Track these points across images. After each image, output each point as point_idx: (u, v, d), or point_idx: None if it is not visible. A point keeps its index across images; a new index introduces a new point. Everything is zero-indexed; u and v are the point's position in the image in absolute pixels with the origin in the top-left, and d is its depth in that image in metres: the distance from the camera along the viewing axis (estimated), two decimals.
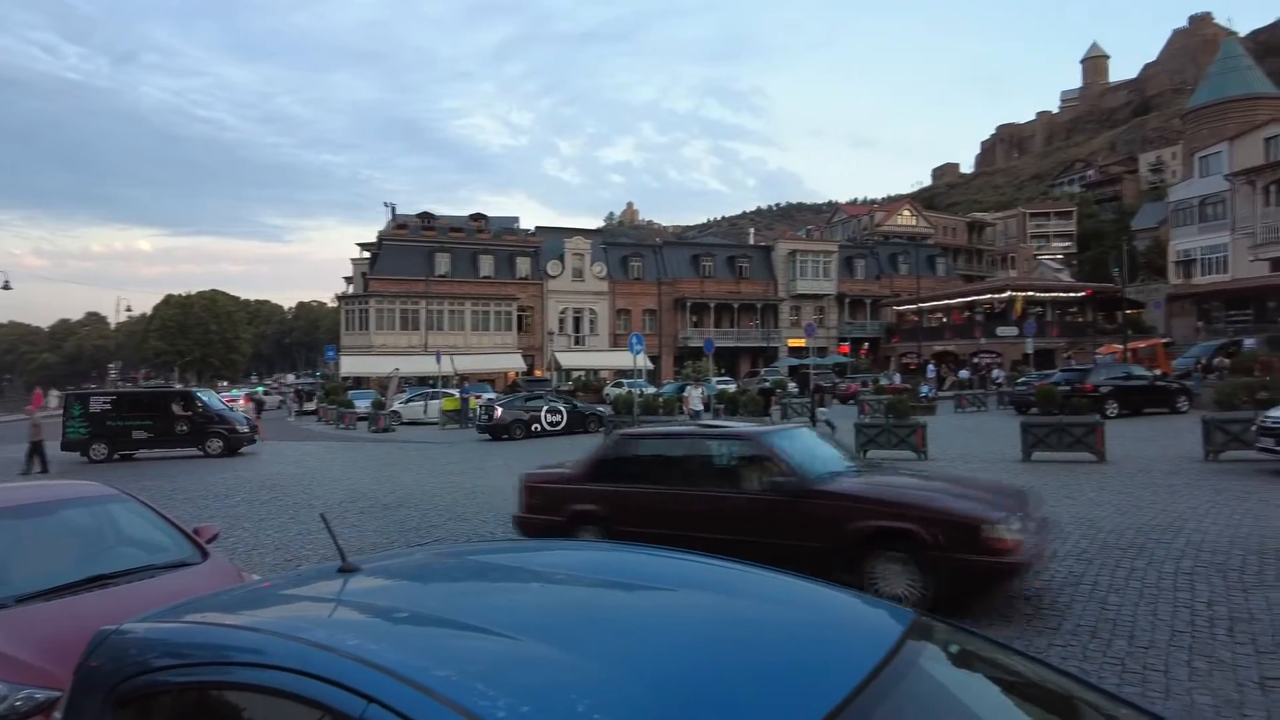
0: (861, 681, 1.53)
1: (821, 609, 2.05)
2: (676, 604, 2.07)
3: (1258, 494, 10.39)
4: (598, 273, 57.33)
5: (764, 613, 2.00)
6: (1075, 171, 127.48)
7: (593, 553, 2.83)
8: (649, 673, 1.50)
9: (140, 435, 21.60)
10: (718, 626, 1.89)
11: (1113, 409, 23.16)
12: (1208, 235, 49.44)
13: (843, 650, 1.75)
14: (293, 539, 10.08)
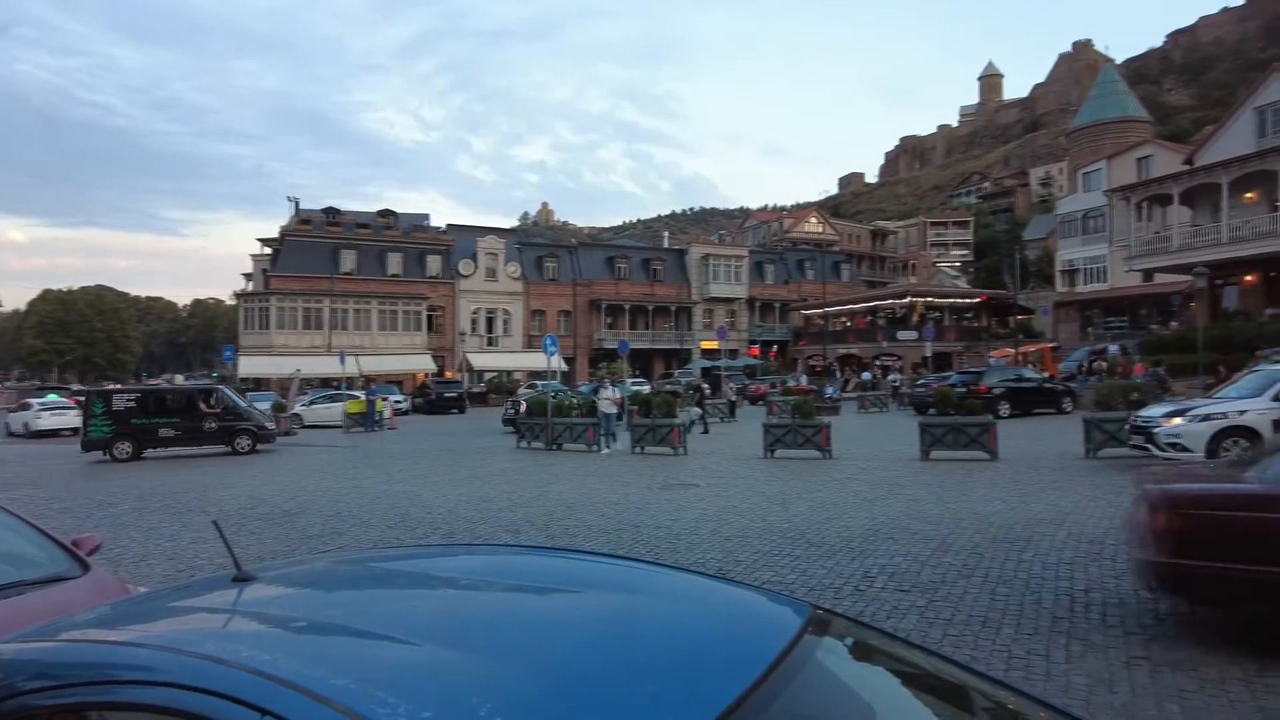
0: (760, 675, 1.57)
1: (723, 605, 2.10)
2: (582, 605, 2.08)
3: (1129, 489, 11.14)
4: (512, 273, 56.76)
5: (668, 610, 2.02)
6: (972, 183, 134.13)
7: (498, 556, 2.80)
8: (553, 674, 1.50)
9: (168, 434, 21.44)
10: (622, 626, 1.90)
11: (1005, 410, 24.47)
12: (1089, 246, 52.84)
13: (742, 644, 1.79)
14: (184, 549, 9.59)
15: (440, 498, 12.84)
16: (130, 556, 9.17)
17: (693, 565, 7.89)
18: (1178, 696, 4.38)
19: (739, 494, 12.20)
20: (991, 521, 9.29)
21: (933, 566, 7.40)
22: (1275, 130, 34.49)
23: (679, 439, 18.31)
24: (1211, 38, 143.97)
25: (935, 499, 11.07)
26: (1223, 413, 12.36)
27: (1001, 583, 6.78)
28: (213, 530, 8.76)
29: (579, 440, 19.99)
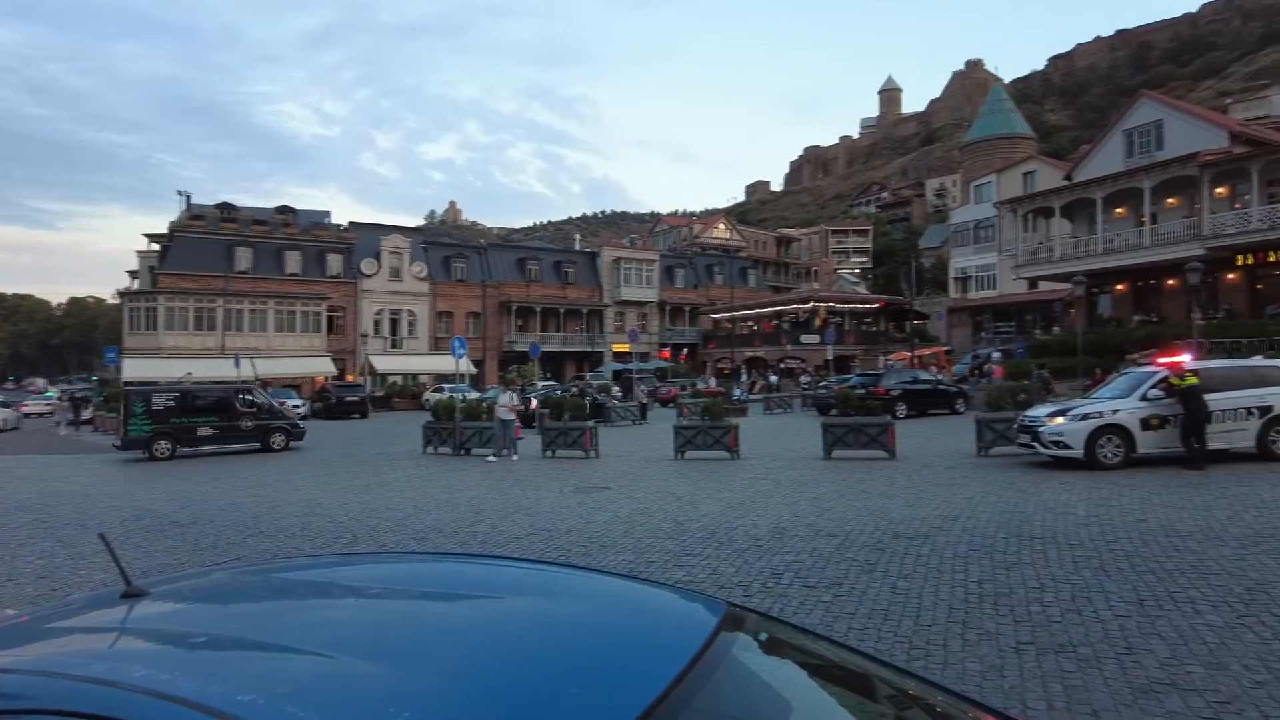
0: (679, 673, 1.59)
1: (640, 605, 2.11)
2: (498, 611, 2.05)
3: (1018, 484, 11.84)
4: (417, 273, 55.41)
5: (585, 613, 2.02)
6: (872, 193, 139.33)
7: (411, 563, 2.74)
8: (471, 682, 1.47)
9: (206, 432, 22.12)
10: (539, 630, 1.89)
11: (902, 410, 25.51)
12: (980, 255, 55.74)
13: (660, 644, 1.80)
14: (60, 565, 8.93)
15: (342, 505, 12.41)
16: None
17: (606, 567, 7.88)
18: (1060, 677, 4.66)
19: (650, 495, 12.28)
20: (891, 518, 9.67)
21: (837, 562, 7.64)
22: (1142, 151, 37.26)
23: (590, 442, 18.29)
24: (1087, 64, 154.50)
25: (838, 497, 11.44)
26: (1098, 412, 13.25)
27: (902, 577, 7.06)
28: (90, 547, 8.18)
29: (489, 445, 19.70)
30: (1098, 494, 10.69)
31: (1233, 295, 33.40)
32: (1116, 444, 12.97)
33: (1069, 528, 8.68)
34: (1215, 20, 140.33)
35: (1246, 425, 12.99)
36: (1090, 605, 5.98)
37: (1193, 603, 5.93)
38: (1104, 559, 7.29)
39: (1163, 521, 8.79)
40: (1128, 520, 8.94)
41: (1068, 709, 4.27)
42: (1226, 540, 7.80)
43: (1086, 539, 8.11)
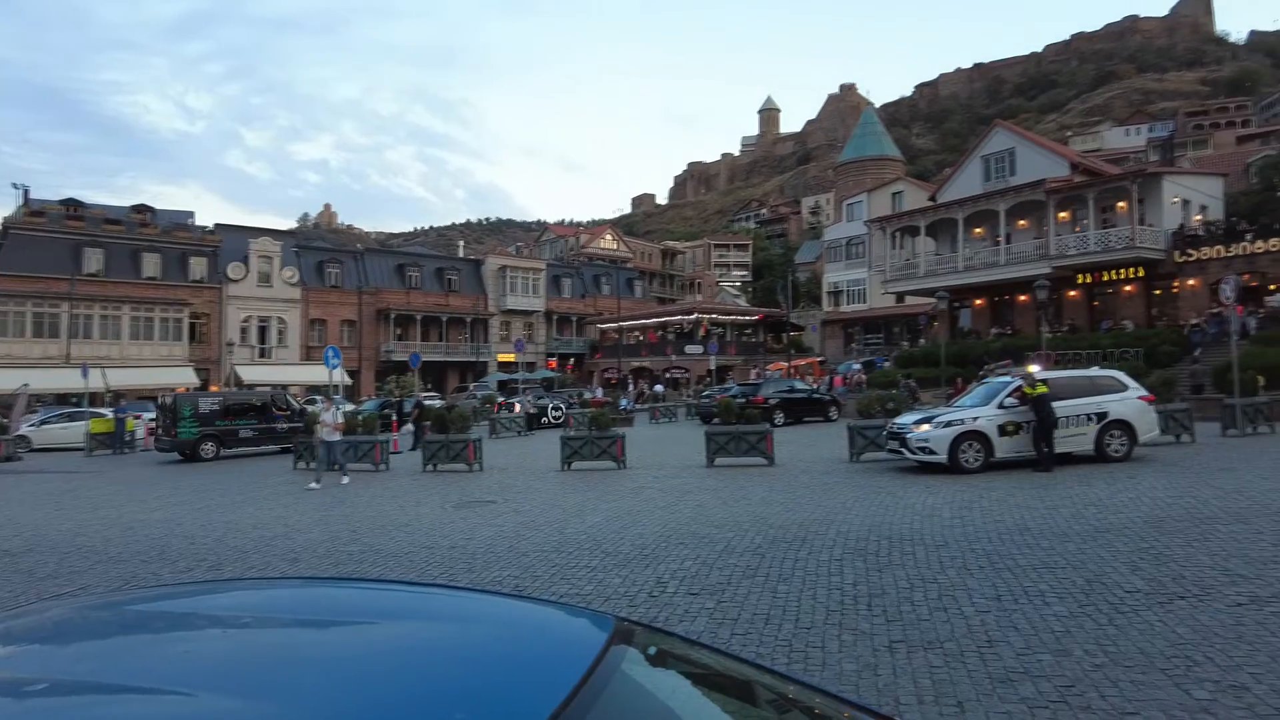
0: (570, 693, 1.56)
1: (527, 625, 2.07)
2: (373, 638, 1.97)
3: (888, 489, 12.45)
4: (289, 278, 52.74)
5: (468, 637, 1.97)
6: (752, 209, 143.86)
7: (280, 590, 2.59)
8: (349, 714, 1.40)
9: (247, 434, 24.14)
10: (420, 655, 1.82)
11: (780, 419, 26.37)
12: (852, 270, 58.47)
13: (550, 663, 1.77)
14: None
15: (205, 526, 11.62)
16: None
17: (490, 584, 7.73)
18: (928, 672, 4.92)
19: (536, 508, 12.15)
20: (771, 523, 9.95)
21: (720, 569, 7.79)
22: (997, 176, 40.18)
23: (474, 455, 17.92)
24: (949, 92, 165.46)
25: (721, 504, 11.68)
26: (960, 419, 14.14)
27: (781, 580, 7.27)
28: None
29: (365, 459, 18.96)
30: (961, 497, 11.39)
31: (1075, 311, 36.50)
32: (977, 449, 13.88)
33: (935, 529, 9.19)
34: (1056, 60, 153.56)
35: (1087, 430, 14.18)
36: (955, 602, 6.34)
37: (1042, 596, 6.40)
38: (966, 558, 7.76)
39: (1017, 521, 9.45)
40: (987, 521, 9.56)
41: (935, 702, 4.50)
42: (1070, 537, 8.47)
43: (951, 540, 8.61)
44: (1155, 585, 6.53)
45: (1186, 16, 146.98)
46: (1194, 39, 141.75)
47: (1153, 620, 5.67)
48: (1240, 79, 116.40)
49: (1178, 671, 4.72)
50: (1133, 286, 34.53)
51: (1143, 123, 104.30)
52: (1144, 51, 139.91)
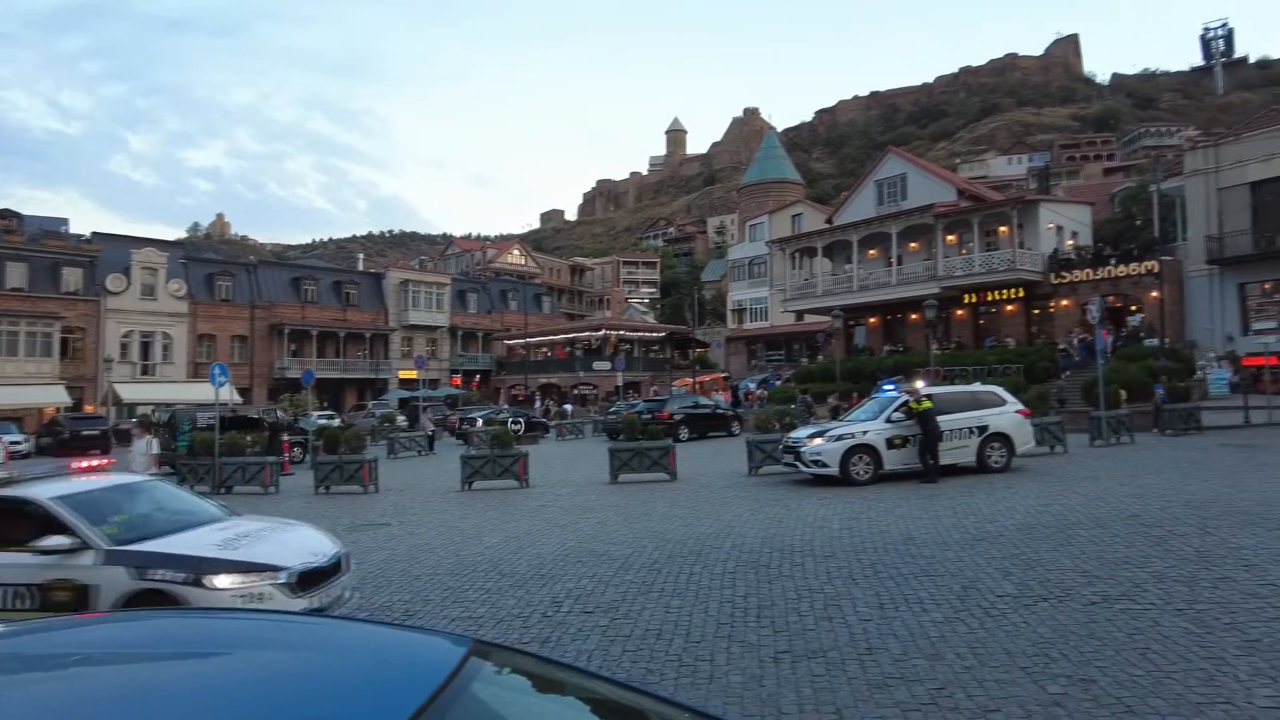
0: (411, 716, 1.55)
1: (377, 650, 2.03)
2: (220, 670, 1.91)
3: (782, 501, 12.76)
4: (175, 291, 49.95)
5: (319, 664, 1.93)
6: (659, 228, 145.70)
7: (122, 625, 2.47)
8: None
9: None
10: (265, 687, 1.78)
11: (684, 434, 26.70)
12: (755, 289, 59.93)
13: (394, 688, 1.75)
14: None
15: None
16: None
17: (379, 608, 7.50)
18: (810, 680, 5.05)
19: (432, 530, 11.86)
20: (669, 539, 10.03)
21: (615, 585, 7.79)
22: (889, 200, 42.09)
23: (369, 476, 17.37)
24: (847, 119, 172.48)
25: (621, 520, 11.70)
26: (851, 433, 14.65)
27: (675, 595, 7.33)
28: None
29: (253, 481, 18.10)
30: (850, 508, 11.78)
31: (962, 329, 38.48)
32: (867, 462, 14.40)
33: (825, 540, 9.47)
34: (946, 91, 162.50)
35: (969, 443, 14.93)
36: (839, 612, 6.54)
37: (921, 603, 6.67)
38: (853, 568, 8.02)
39: (902, 531, 9.84)
40: (874, 531, 9.92)
41: (815, 710, 4.62)
42: (950, 545, 8.88)
43: (839, 550, 8.89)
44: (1023, 589, 6.91)
45: (1059, 57, 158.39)
46: (1066, 78, 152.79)
47: (1018, 622, 5.99)
48: (1106, 116, 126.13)
49: (1036, 669, 5.01)
50: (1014, 306, 36.69)
51: (1023, 153, 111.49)
52: (1023, 87, 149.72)
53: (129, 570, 5.87)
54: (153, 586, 5.78)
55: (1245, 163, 31.17)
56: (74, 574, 5.91)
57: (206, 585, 5.75)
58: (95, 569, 5.92)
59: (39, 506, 6.36)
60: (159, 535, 6.36)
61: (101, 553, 5.97)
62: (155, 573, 5.83)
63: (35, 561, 5.94)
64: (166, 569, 5.85)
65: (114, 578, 5.85)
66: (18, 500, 6.61)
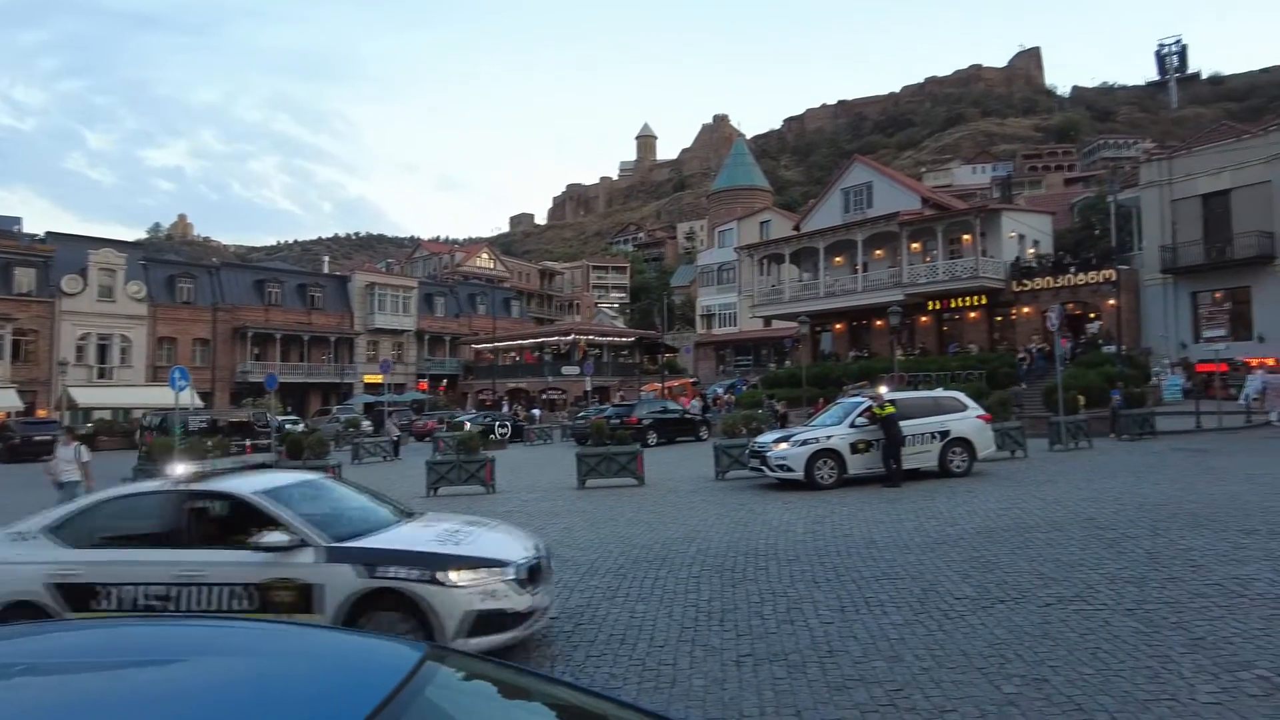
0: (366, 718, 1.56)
1: (333, 655, 2.03)
2: (179, 676, 1.90)
3: (748, 505, 12.85)
4: (134, 293, 48.91)
5: (275, 669, 1.93)
6: (629, 233, 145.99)
7: (77, 633, 2.44)
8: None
9: (235, 450, 23.16)
10: (225, 692, 1.79)
11: (653, 439, 26.74)
12: (723, 295, 60.25)
13: (348, 692, 1.76)
14: None
15: None
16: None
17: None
18: (772, 684, 5.10)
19: None
20: (635, 543, 10.05)
21: (581, 590, 7.79)
22: (856, 208, 42.63)
23: None
24: (815, 127, 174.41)
25: (588, 525, 11.69)
26: (816, 438, 14.80)
27: (640, 600, 7.35)
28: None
29: None
30: (814, 512, 11.90)
31: (926, 335, 39.06)
32: (831, 466, 14.55)
33: (789, 545, 9.55)
34: (912, 101, 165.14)
35: (931, 448, 15.15)
36: (801, 615, 6.61)
37: (882, 605, 6.77)
38: (815, 572, 8.10)
39: (865, 535, 9.96)
40: (837, 535, 10.03)
41: (776, 712, 4.67)
42: (912, 548, 9.01)
43: (803, 554, 8.97)
44: (981, 591, 7.04)
45: (1021, 69, 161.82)
46: (1028, 89, 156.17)
47: (975, 624, 6.11)
48: (1066, 128, 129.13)
49: (992, 669, 5.11)
50: (977, 313, 37.34)
51: (987, 162, 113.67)
52: (987, 98, 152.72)
53: (357, 568, 5.50)
54: (386, 585, 5.45)
55: (1196, 176, 32.10)
56: (295, 573, 5.53)
57: (442, 582, 5.43)
58: (317, 567, 5.55)
59: (244, 501, 5.97)
60: (364, 533, 5.96)
61: (322, 550, 5.60)
62: (387, 570, 5.48)
63: (252, 560, 5.56)
64: (399, 566, 5.50)
65: (340, 576, 5.49)
66: (219, 495, 6.20)
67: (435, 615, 5.35)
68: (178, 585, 5.55)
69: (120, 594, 5.59)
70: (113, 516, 6.21)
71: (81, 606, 5.60)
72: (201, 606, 5.52)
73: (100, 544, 5.94)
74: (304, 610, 5.45)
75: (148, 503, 6.24)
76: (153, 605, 5.54)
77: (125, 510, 6.29)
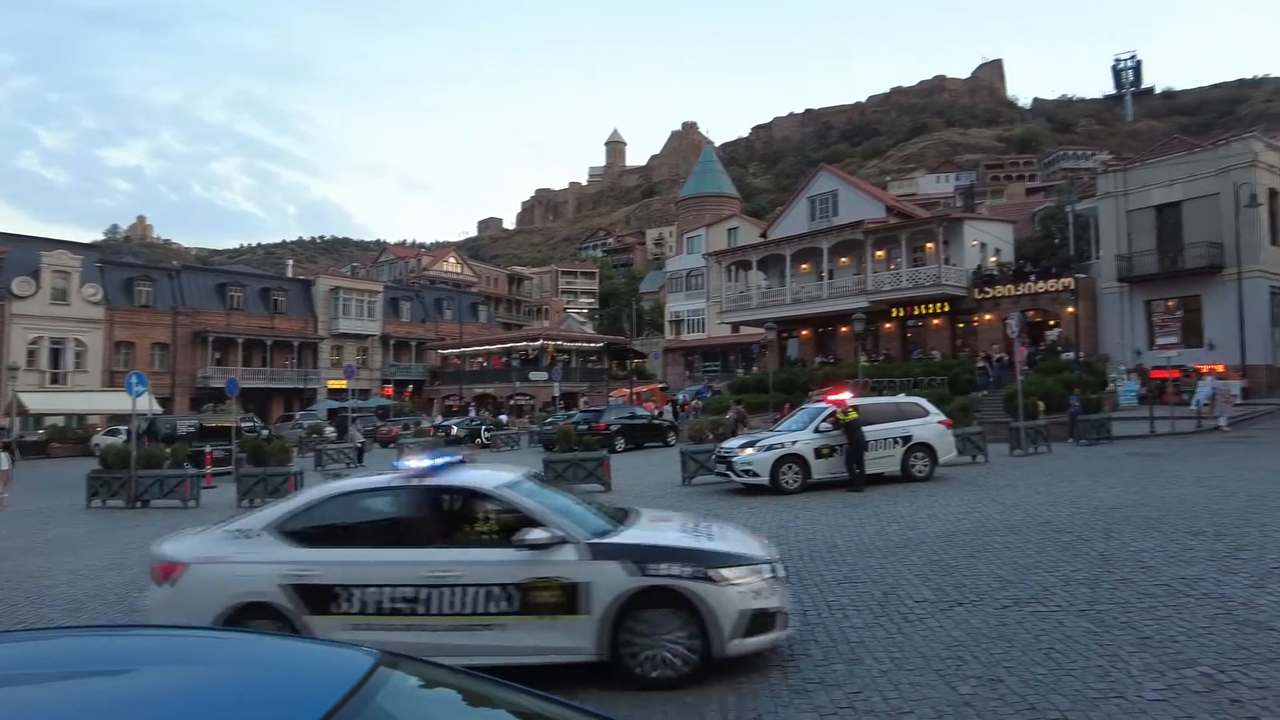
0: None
1: (282, 663, 2.02)
2: (127, 687, 1.88)
3: (713, 510, 12.88)
4: (90, 296, 47.72)
5: (224, 678, 1.92)
6: (598, 238, 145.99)
7: (22, 645, 2.39)
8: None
9: (220, 454, 24.11)
10: (173, 702, 1.77)
11: (621, 444, 26.74)
12: (692, 301, 60.49)
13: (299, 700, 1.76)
14: None
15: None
16: None
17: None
18: (733, 689, 5.13)
19: None
20: None
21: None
22: (822, 216, 43.11)
23: (296, 489, 16.89)
24: (783, 135, 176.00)
25: None
26: (781, 443, 14.92)
27: None
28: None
29: (172, 495, 17.42)
30: (778, 516, 11.99)
31: (890, 341, 39.58)
32: (796, 471, 14.68)
33: None
34: (878, 111, 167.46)
35: (893, 452, 15.36)
36: None
37: (844, 609, 6.85)
38: None
39: (827, 539, 10.07)
40: (800, 539, 10.13)
41: (737, 718, 4.71)
42: (873, 552, 9.13)
43: None
44: (940, 594, 7.16)
45: (984, 80, 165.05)
46: (990, 101, 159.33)
47: (934, 626, 6.21)
48: (1028, 138, 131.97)
49: (949, 671, 5.21)
50: (940, 320, 37.93)
51: (951, 171, 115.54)
52: (951, 108, 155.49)
53: (626, 565, 5.23)
54: (659, 584, 5.18)
55: (1150, 187, 32.98)
56: (558, 571, 5.23)
57: (715, 579, 5.22)
58: (582, 565, 5.26)
59: (492, 497, 5.66)
60: (606, 530, 5.69)
61: (584, 546, 5.32)
62: (659, 567, 5.23)
63: (510, 559, 5.28)
64: (671, 562, 5.26)
65: (608, 574, 5.21)
66: (463, 490, 5.84)
67: (712, 615, 5.15)
68: (427, 587, 5.23)
69: (364, 596, 5.27)
70: (342, 512, 5.86)
71: (321, 609, 5.27)
72: (455, 610, 5.22)
73: (333, 542, 5.64)
74: (568, 612, 5.19)
75: (380, 498, 5.93)
76: (399, 609, 5.24)
77: (355, 506, 5.98)
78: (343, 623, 5.24)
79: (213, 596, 5.35)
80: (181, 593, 5.43)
